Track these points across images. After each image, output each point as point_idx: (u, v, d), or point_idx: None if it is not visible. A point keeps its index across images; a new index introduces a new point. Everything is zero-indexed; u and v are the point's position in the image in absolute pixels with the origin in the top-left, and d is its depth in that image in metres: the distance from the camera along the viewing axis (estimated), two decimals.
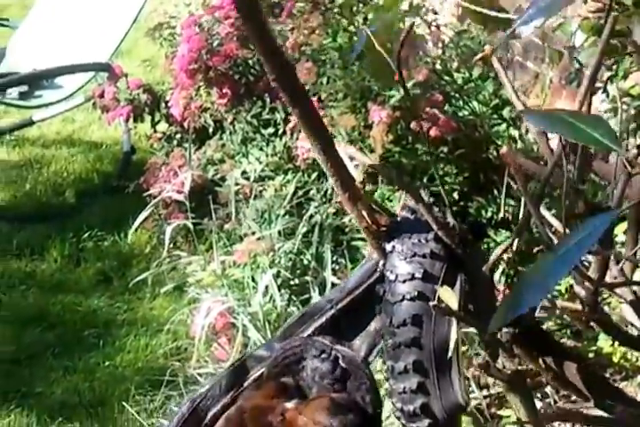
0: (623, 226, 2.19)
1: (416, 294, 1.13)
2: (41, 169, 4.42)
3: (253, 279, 3.08)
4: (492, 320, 0.72)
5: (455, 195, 3.02)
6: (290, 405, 1.10)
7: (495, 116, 3.23)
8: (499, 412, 2.69)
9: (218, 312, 2.95)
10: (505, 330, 1.27)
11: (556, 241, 1.06)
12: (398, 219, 1.21)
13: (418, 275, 1.14)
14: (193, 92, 3.66)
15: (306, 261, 3.13)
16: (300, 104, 1.10)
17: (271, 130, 3.48)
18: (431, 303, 1.06)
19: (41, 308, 3.29)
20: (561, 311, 1.89)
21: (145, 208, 3.47)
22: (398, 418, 1.14)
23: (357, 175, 1.18)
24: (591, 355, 2.64)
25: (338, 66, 3.11)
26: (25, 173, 4.36)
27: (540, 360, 1.30)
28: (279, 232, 3.19)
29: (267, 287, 3.01)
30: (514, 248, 1.16)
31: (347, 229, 3.17)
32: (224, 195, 3.47)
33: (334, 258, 3.09)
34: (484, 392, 2.79)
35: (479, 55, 1.16)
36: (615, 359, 2.63)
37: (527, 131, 3.32)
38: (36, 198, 4.14)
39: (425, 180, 3.03)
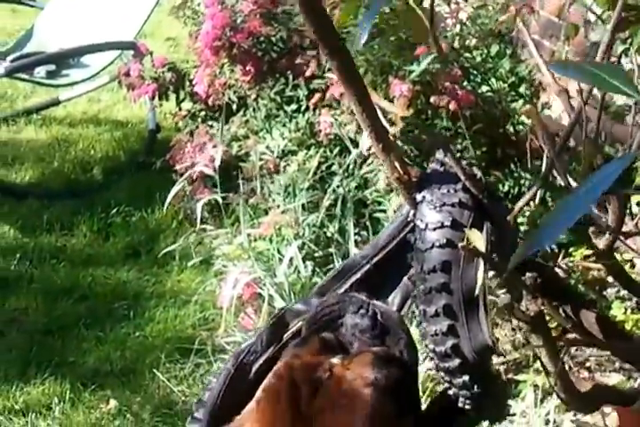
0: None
1: (445, 241, 1.18)
2: (68, 148, 4.49)
3: (279, 251, 3.15)
4: (514, 255, 0.77)
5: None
6: (335, 361, 1.15)
7: (513, 92, 3.28)
8: (515, 377, 2.76)
9: (245, 283, 3.02)
10: (528, 274, 1.32)
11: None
12: (428, 171, 1.26)
13: (447, 223, 1.19)
14: (217, 69, 3.72)
15: (329, 234, 3.20)
16: (339, 56, 1.15)
17: (294, 106, 3.53)
18: (460, 244, 1.11)
19: (72, 281, 3.37)
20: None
21: (171, 184, 3.56)
22: (432, 359, 1.20)
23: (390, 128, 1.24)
24: None
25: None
26: (53, 152, 4.44)
27: (560, 310, 1.36)
28: (303, 206, 3.26)
29: (291, 259, 3.08)
30: (536, 200, 1.22)
31: (368, 202, 3.23)
32: (248, 170, 3.53)
33: (357, 230, 3.16)
34: (502, 359, 2.86)
35: (504, 16, 1.21)
36: (628, 327, 2.69)
37: (543, 107, 3.37)
38: (64, 176, 4.22)
39: None
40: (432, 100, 2.97)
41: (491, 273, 1.24)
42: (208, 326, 3.10)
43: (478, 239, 1.11)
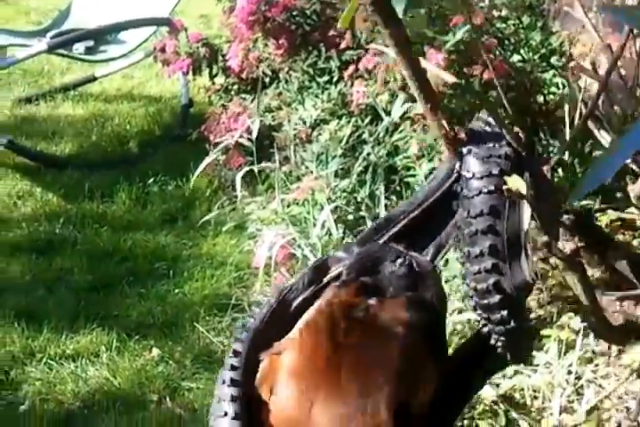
0: None
1: (492, 187, 1.28)
2: (104, 122, 4.66)
3: (312, 215, 3.29)
4: (571, 194, 0.88)
5: None
6: (372, 301, 1.26)
7: (544, 64, 3.39)
8: (541, 332, 2.89)
9: (280, 245, 3.17)
10: (566, 217, 1.45)
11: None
12: (474, 127, 1.36)
13: (494, 172, 1.28)
14: (251, 43, 3.86)
15: (360, 199, 3.34)
16: (394, 25, 1.28)
17: (326, 78, 3.67)
18: (505, 187, 1.22)
19: (113, 243, 3.53)
20: None
21: (204, 155, 3.71)
22: (471, 297, 1.31)
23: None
24: None
25: None
26: (90, 126, 4.60)
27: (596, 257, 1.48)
28: (335, 172, 3.40)
29: (324, 222, 3.22)
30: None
31: (399, 169, 3.36)
32: (282, 140, 3.68)
33: (387, 195, 3.29)
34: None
35: None
36: None
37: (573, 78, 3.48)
38: (101, 148, 4.39)
39: None
40: (466, 69, 3.09)
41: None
42: (243, 284, 3.26)
43: (521, 185, 1.22)
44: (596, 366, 2.83)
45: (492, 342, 1.33)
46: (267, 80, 3.86)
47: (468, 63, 3.09)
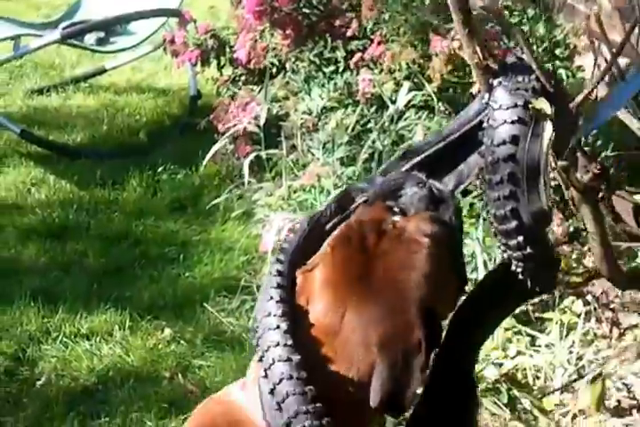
0: None
1: (516, 118, 1.33)
2: (115, 113, 4.76)
3: (318, 201, 3.38)
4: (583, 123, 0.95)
5: None
6: (397, 218, 1.37)
7: (548, 55, 3.48)
8: (543, 315, 2.98)
9: (287, 229, 3.26)
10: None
11: None
12: (506, 60, 1.40)
13: (520, 103, 1.32)
14: (258, 34, 3.96)
15: None
16: None
17: (332, 68, 3.76)
18: (530, 106, 1.28)
19: (125, 229, 3.63)
20: None
21: (213, 144, 3.81)
22: (491, 223, 1.39)
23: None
24: None
25: (399, 2, 3.38)
26: (101, 117, 4.70)
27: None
28: (341, 160, 3.49)
29: None
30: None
31: None
32: (288, 128, 3.77)
33: None
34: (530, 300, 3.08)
35: None
36: None
37: (577, 69, 3.56)
38: (112, 138, 4.49)
39: None
40: None
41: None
42: (252, 267, 3.35)
43: (545, 105, 1.29)
44: (597, 347, 2.92)
45: (513, 268, 1.39)
46: (274, 70, 3.96)
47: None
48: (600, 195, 1.44)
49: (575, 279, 3.27)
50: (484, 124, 1.37)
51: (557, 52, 3.50)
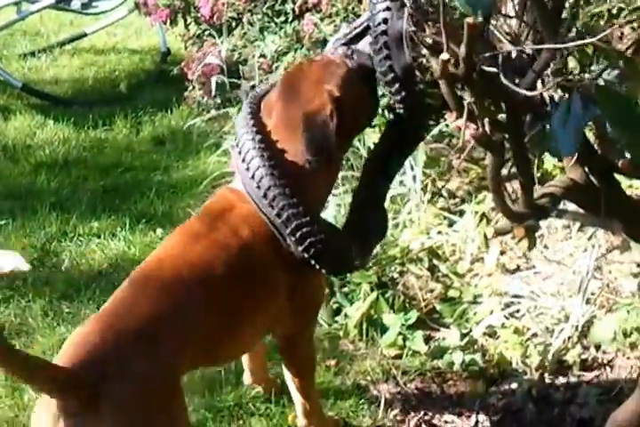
0: None
1: (386, 6, 2.05)
2: (97, 70, 5.51)
3: None
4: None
5: None
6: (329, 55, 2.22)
7: None
8: (458, 208, 3.72)
9: None
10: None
11: None
12: None
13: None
14: None
15: None
16: None
17: (282, 18, 4.51)
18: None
19: (116, 160, 4.37)
20: None
21: (184, 90, 4.58)
22: (381, 81, 2.12)
23: None
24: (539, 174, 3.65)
25: None
26: (85, 74, 5.45)
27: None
28: None
29: None
30: None
31: None
32: (247, 71, 4.52)
33: None
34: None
35: None
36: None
37: None
38: (97, 90, 5.25)
39: None
40: None
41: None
42: (223, 181, 4.08)
43: None
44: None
45: (397, 110, 2.14)
46: (233, 24, 4.69)
47: None
48: None
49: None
50: (371, 15, 2.15)
51: None
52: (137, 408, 1.80)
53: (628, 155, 1.64)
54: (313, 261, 2.10)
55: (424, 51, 2.10)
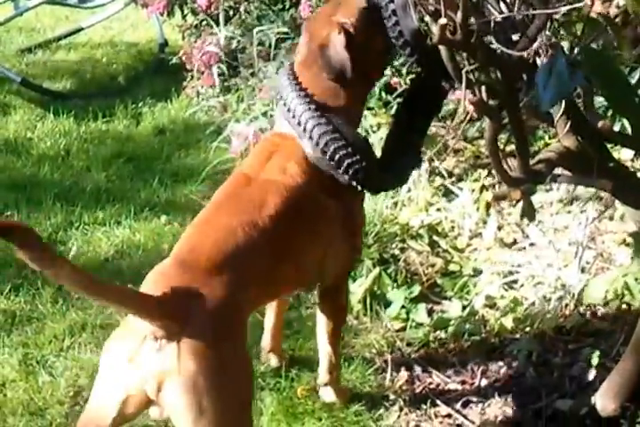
0: None
1: None
2: (95, 64, 5.58)
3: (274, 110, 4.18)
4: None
5: None
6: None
7: None
8: (457, 184, 3.79)
9: (252, 134, 4.07)
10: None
11: None
12: None
13: None
14: None
15: None
16: None
17: (280, 6, 4.57)
18: None
19: (118, 150, 4.43)
20: None
21: (183, 81, 4.64)
22: (395, 45, 2.27)
23: None
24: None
25: None
26: (83, 68, 5.52)
27: None
28: None
29: None
30: None
31: None
32: (246, 59, 4.58)
33: None
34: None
35: None
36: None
37: None
38: (96, 83, 5.31)
39: None
40: None
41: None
42: (226, 167, 4.13)
43: None
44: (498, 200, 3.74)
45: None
46: (230, 13, 4.75)
47: None
48: None
49: (485, 161, 4.23)
50: None
51: None
52: (212, 347, 1.90)
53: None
54: (359, 186, 2.30)
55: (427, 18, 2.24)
